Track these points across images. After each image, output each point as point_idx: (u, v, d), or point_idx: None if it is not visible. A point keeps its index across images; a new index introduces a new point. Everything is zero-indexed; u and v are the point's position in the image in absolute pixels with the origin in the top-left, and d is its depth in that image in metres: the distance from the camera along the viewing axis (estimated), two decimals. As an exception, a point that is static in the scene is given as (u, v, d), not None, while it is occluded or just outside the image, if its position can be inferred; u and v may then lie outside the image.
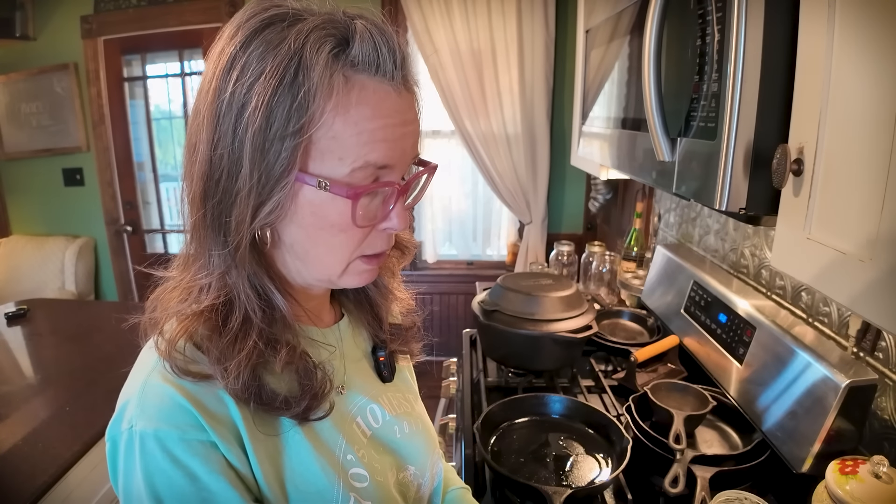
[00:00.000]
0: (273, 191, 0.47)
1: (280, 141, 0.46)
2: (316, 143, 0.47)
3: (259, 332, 0.50)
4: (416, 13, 2.54)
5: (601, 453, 0.99)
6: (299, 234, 0.51)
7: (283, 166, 0.46)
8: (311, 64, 0.45)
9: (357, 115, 0.47)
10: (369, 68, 0.48)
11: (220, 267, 0.50)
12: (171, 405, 0.47)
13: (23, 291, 2.97)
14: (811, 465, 0.84)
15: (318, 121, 0.46)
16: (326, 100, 0.46)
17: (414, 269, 3.03)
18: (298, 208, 0.49)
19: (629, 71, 1.02)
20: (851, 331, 0.92)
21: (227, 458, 0.48)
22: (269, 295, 0.52)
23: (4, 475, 1.15)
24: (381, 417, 0.63)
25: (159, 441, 0.45)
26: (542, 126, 2.67)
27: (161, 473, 0.45)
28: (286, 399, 0.51)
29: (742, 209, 0.65)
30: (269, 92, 0.45)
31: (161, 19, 2.79)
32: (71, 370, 1.60)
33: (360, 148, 0.48)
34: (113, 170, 3.05)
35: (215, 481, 0.46)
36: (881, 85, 0.47)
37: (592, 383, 1.31)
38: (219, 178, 0.48)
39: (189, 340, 0.50)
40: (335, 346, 0.61)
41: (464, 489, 0.80)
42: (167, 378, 0.48)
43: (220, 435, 0.47)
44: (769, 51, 0.60)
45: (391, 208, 0.52)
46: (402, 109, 0.50)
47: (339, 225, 0.50)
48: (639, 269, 1.81)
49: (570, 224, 2.93)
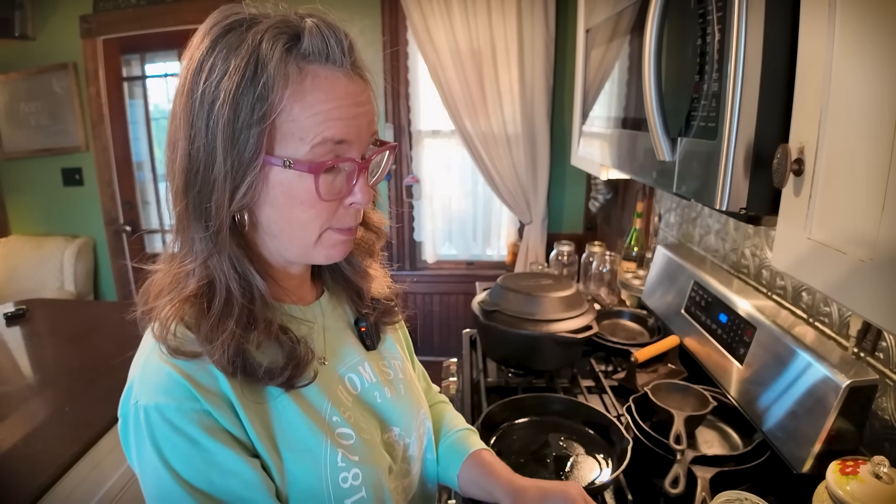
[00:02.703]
0: (246, 174, 0.53)
1: (247, 129, 0.52)
2: (279, 128, 0.53)
3: (240, 311, 0.56)
4: (416, 13, 2.54)
5: (601, 454, 0.99)
6: (273, 213, 0.57)
7: (251, 151, 0.53)
8: (267, 59, 0.51)
9: (312, 99, 0.53)
10: (320, 58, 0.54)
11: (203, 252, 0.56)
12: (168, 381, 0.53)
13: (22, 291, 2.97)
14: (812, 466, 0.84)
15: (278, 107, 0.52)
16: (284, 88, 0.52)
17: (414, 269, 3.03)
18: (270, 189, 0.56)
19: (629, 70, 1.02)
20: (852, 331, 0.92)
21: (220, 423, 0.54)
22: (248, 276, 0.58)
23: (4, 475, 1.14)
24: (360, 385, 0.70)
25: (160, 412, 0.52)
26: (542, 126, 2.66)
27: (166, 440, 0.52)
28: (269, 370, 0.57)
29: (742, 209, 0.65)
30: (233, 87, 0.51)
31: (160, 19, 2.79)
32: (70, 370, 1.60)
33: (317, 127, 0.54)
34: (112, 170, 3.05)
35: (212, 444, 0.53)
36: (882, 84, 0.47)
37: (592, 383, 1.31)
38: (198, 170, 0.54)
39: (180, 323, 0.56)
40: (313, 322, 0.67)
41: (467, 430, 0.86)
42: (163, 358, 0.54)
43: (212, 404, 0.54)
44: (769, 50, 0.60)
45: (354, 183, 0.58)
46: (354, 92, 0.56)
47: (307, 201, 0.56)
48: (639, 269, 1.81)
49: (570, 224, 2.93)
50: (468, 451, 0.81)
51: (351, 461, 0.61)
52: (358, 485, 0.61)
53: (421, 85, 2.80)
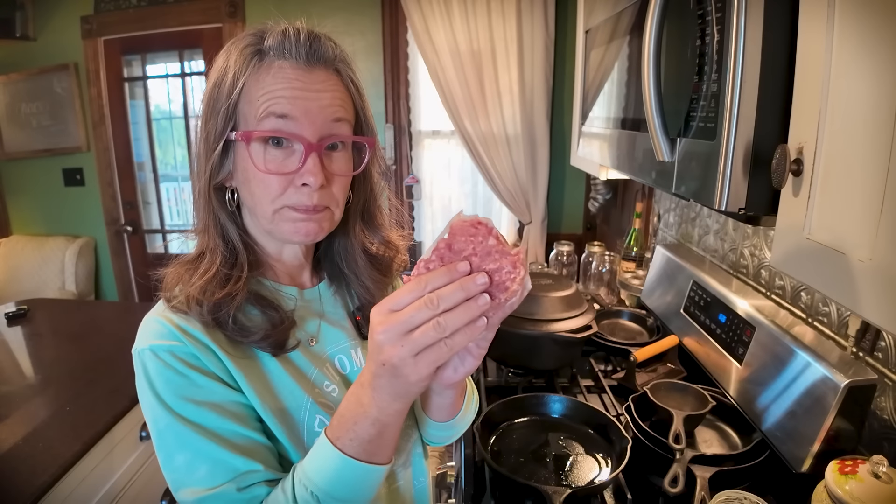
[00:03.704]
0: (215, 150, 0.62)
1: (217, 113, 0.62)
2: (241, 111, 0.62)
3: (216, 273, 0.63)
4: (416, 13, 2.54)
5: (601, 453, 0.99)
6: (243, 190, 0.65)
7: (218, 129, 0.62)
8: (234, 57, 0.62)
9: (266, 83, 0.61)
10: (279, 52, 0.62)
11: (201, 222, 0.67)
12: (160, 328, 0.61)
13: (23, 291, 2.97)
14: (811, 465, 0.84)
15: (235, 90, 0.61)
16: (241, 74, 0.61)
17: (414, 269, 3.02)
18: (237, 166, 0.64)
19: (629, 71, 1.02)
20: (851, 331, 0.92)
21: (206, 365, 0.61)
22: (234, 246, 0.67)
23: (4, 475, 1.15)
24: (350, 367, 0.74)
25: (153, 352, 0.60)
26: (541, 126, 2.66)
27: (158, 375, 0.60)
28: (244, 327, 0.63)
29: (741, 209, 0.65)
30: (212, 82, 0.63)
31: (161, 19, 2.79)
32: (71, 370, 1.60)
33: (264, 104, 0.61)
34: (113, 170, 3.05)
35: (198, 377, 0.60)
36: (881, 84, 0.47)
37: (592, 383, 1.31)
38: (195, 152, 0.66)
39: (179, 283, 0.64)
40: (302, 303, 0.72)
41: None
42: (159, 312, 0.63)
43: (197, 349, 0.61)
44: (769, 51, 0.60)
45: (301, 164, 0.62)
46: (309, 80, 0.62)
47: (256, 175, 0.62)
48: (638, 269, 1.82)
49: (569, 224, 2.93)
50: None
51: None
52: None
53: (421, 85, 2.80)
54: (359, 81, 0.68)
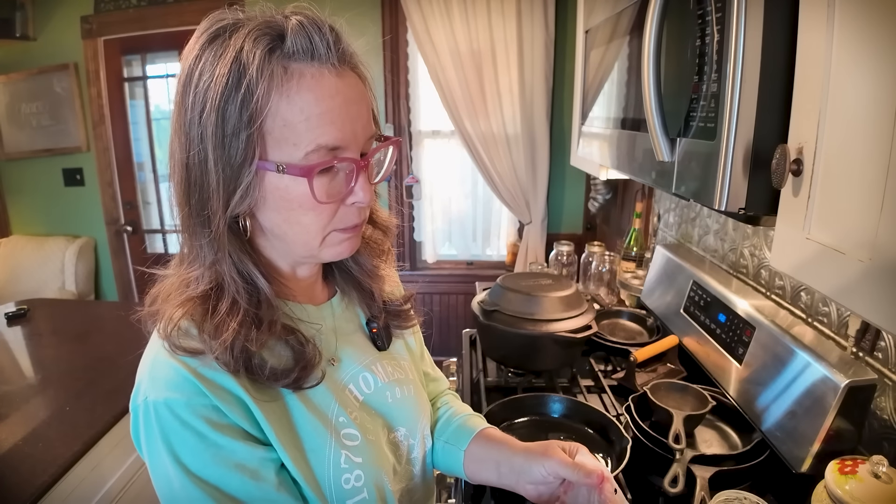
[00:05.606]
0: (238, 179, 0.54)
1: (236, 135, 0.52)
2: (270, 132, 0.53)
3: (244, 313, 0.56)
4: (416, 13, 2.54)
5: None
6: (275, 217, 0.58)
7: (242, 156, 0.53)
8: (248, 62, 0.51)
9: (301, 102, 0.52)
10: (305, 56, 0.53)
11: (209, 257, 0.57)
12: (177, 377, 0.53)
13: (23, 291, 2.97)
14: (810, 465, 0.84)
15: (264, 110, 0.52)
16: (268, 90, 0.51)
17: (414, 269, 3.03)
18: (268, 194, 0.56)
19: (629, 71, 1.02)
20: (851, 331, 0.92)
21: (230, 418, 0.54)
22: (254, 279, 0.59)
23: (4, 475, 1.15)
24: (374, 384, 0.70)
25: (169, 408, 0.53)
26: (541, 126, 2.67)
27: (175, 434, 0.53)
28: (275, 370, 0.57)
29: (741, 209, 0.65)
30: (218, 93, 0.51)
31: (161, 19, 2.79)
32: (71, 370, 1.60)
33: (310, 133, 0.53)
34: (113, 170, 3.05)
35: (220, 438, 0.54)
36: (881, 85, 0.47)
37: (592, 383, 1.31)
38: (194, 178, 0.54)
39: (186, 320, 0.56)
40: (321, 324, 0.67)
41: (475, 415, 0.85)
42: (171, 355, 0.55)
43: (220, 399, 0.54)
44: (768, 51, 0.60)
45: (353, 185, 0.57)
46: (344, 89, 0.55)
47: (305, 204, 0.56)
48: (638, 269, 1.82)
49: (569, 224, 2.93)
50: (477, 429, 0.80)
51: (354, 462, 0.62)
52: (360, 486, 0.62)
53: (421, 85, 2.81)
54: (370, 76, 0.62)
